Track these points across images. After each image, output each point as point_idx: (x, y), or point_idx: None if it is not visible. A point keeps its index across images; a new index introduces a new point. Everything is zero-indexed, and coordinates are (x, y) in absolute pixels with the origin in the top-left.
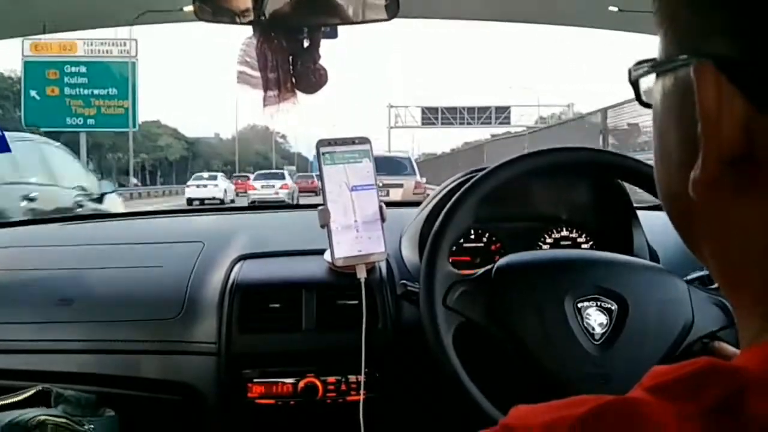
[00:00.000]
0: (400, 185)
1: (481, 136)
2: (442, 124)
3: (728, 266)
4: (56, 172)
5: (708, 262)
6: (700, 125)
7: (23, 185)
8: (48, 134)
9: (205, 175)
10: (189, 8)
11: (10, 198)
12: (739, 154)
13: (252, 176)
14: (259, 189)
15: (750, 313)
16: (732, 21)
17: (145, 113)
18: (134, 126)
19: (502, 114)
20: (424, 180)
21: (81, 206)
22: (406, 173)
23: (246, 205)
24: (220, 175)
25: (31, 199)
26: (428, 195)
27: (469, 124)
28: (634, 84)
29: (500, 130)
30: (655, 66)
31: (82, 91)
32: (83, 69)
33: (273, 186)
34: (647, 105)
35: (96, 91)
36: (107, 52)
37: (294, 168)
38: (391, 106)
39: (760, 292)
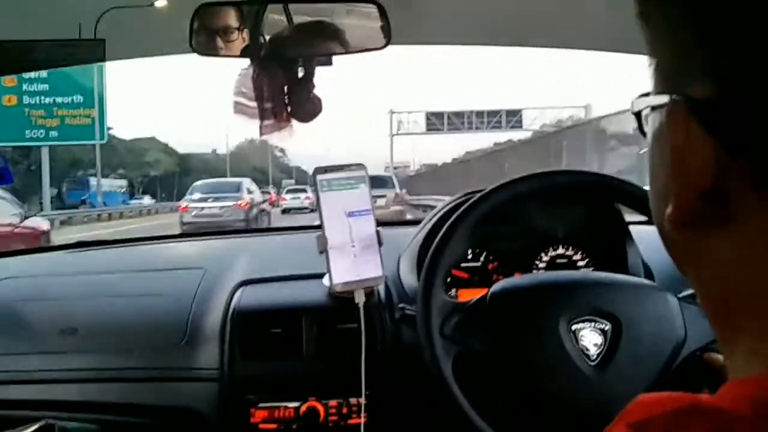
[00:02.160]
0: (384, 196)
1: (489, 142)
2: (449, 129)
3: (710, 297)
4: None
5: (695, 289)
6: (670, 164)
7: None
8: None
9: None
10: (160, 4)
11: None
12: (710, 192)
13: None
14: (289, 200)
15: (734, 344)
16: (704, 62)
17: (138, 130)
18: (102, 138)
19: (513, 117)
20: (404, 191)
21: None
22: (388, 187)
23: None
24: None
25: None
26: (409, 205)
27: (477, 129)
28: (637, 115)
29: (511, 135)
30: (646, 101)
31: (43, 100)
32: (44, 74)
33: (299, 197)
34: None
35: (59, 99)
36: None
37: (293, 181)
38: (393, 112)
39: (741, 325)
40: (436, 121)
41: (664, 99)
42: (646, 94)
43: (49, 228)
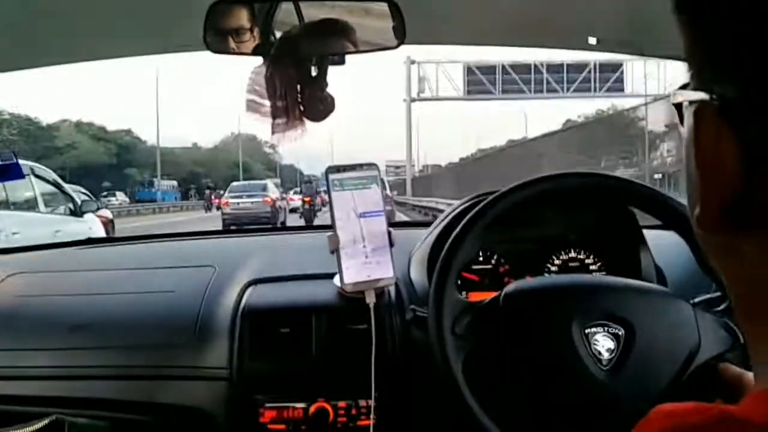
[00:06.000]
0: None
1: (556, 119)
2: (504, 92)
3: (739, 295)
4: None
5: (726, 286)
6: (700, 164)
7: None
8: None
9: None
10: None
11: None
12: (736, 195)
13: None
14: (297, 200)
15: (761, 344)
16: (728, 65)
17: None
18: None
19: (610, 76)
20: (387, 190)
21: None
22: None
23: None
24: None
25: None
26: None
27: (551, 92)
28: (678, 106)
29: (603, 103)
30: (683, 95)
31: None
32: None
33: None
34: None
35: None
36: None
37: (279, 180)
38: (413, 62)
39: None
40: (483, 77)
41: (696, 95)
42: (686, 86)
43: (112, 217)
